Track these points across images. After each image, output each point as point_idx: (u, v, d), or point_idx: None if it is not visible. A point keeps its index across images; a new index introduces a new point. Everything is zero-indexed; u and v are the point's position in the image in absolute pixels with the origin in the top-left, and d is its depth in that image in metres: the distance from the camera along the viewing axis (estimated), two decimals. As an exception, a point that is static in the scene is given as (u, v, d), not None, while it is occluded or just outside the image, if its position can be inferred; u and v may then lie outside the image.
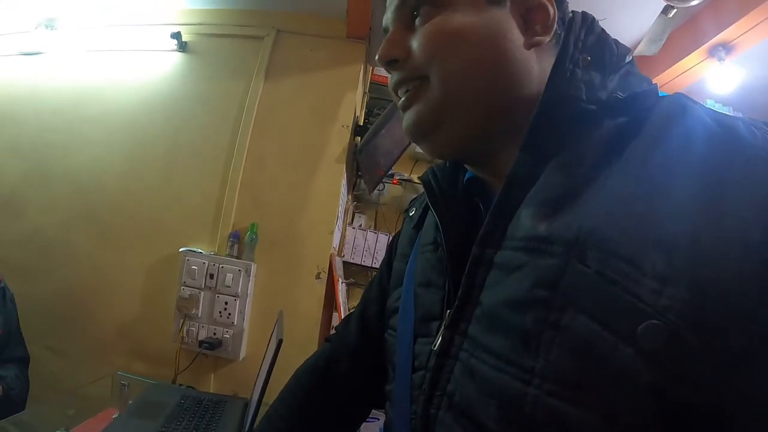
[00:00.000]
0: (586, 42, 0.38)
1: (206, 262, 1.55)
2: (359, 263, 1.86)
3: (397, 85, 0.44)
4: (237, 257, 1.59)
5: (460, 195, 0.46)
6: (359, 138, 1.74)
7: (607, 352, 0.28)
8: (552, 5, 0.41)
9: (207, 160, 1.67)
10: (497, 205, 0.37)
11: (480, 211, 0.44)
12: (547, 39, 0.41)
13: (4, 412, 1.16)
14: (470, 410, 0.35)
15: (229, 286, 1.53)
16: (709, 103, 1.81)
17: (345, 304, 1.70)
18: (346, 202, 1.83)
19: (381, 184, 1.78)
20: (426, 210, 0.53)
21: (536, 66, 0.40)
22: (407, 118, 0.43)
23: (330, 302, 1.67)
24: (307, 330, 1.57)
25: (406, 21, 0.43)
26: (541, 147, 0.37)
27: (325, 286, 1.60)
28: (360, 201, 1.98)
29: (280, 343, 0.96)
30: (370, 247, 1.85)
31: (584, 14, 0.40)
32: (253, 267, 1.57)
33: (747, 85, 1.71)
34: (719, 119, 0.31)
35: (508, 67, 0.40)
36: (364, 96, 1.83)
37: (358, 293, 1.91)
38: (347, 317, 0.67)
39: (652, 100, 0.36)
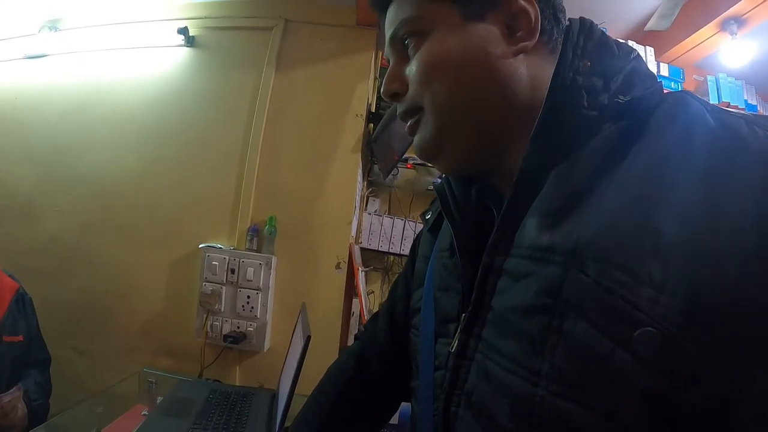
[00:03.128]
0: (586, 48, 0.38)
1: (227, 257, 1.55)
2: (376, 248, 1.85)
3: (403, 117, 0.47)
4: (257, 251, 1.59)
5: (474, 200, 0.47)
6: (372, 125, 1.73)
7: (606, 356, 0.29)
8: (533, 7, 0.41)
9: (221, 155, 1.66)
10: (504, 214, 0.39)
11: (494, 215, 0.46)
12: (532, 43, 0.41)
13: (31, 422, 1.17)
14: (487, 409, 0.37)
15: (250, 280, 1.54)
16: (722, 77, 1.80)
17: (365, 291, 1.71)
18: (362, 189, 1.83)
19: (395, 169, 1.78)
20: (442, 215, 0.54)
21: (525, 72, 0.41)
22: (414, 142, 0.47)
23: (350, 291, 1.67)
24: (329, 320, 1.59)
25: (401, 53, 0.46)
26: (543, 156, 0.37)
27: (345, 276, 1.61)
28: (374, 185, 1.97)
29: (308, 339, 0.95)
30: (387, 232, 1.84)
31: (582, 20, 0.40)
32: (274, 260, 1.57)
33: (760, 58, 1.70)
34: (722, 119, 0.31)
35: (494, 80, 0.41)
36: (375, 82, 1.81)
37: (376, 277, 1.91)
38: (375, 315, 0.70)
39: (655, 100, 0.36)
